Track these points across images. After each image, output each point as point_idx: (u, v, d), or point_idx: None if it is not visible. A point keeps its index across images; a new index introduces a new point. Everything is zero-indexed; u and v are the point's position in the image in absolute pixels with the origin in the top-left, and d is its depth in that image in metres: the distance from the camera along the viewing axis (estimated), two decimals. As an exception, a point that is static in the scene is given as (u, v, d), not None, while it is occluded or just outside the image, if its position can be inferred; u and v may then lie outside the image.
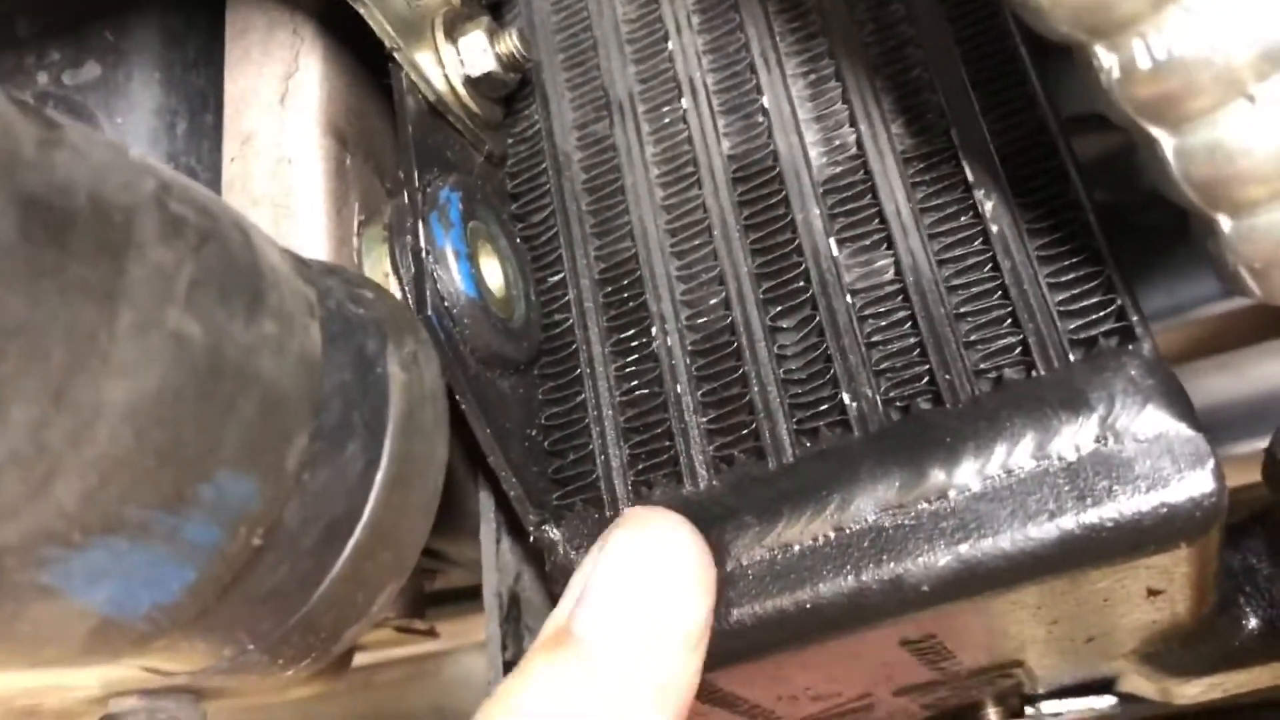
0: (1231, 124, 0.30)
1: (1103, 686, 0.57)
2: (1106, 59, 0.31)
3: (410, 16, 0.48)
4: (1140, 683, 0.57)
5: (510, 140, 0.55)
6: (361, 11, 0.45)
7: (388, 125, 0.54)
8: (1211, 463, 0.38)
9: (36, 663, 0.33)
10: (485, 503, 0.49)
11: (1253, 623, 0.52)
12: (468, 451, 0.48)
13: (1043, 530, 0.39)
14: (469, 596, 0.87)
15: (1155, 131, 0.32)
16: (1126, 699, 0.58)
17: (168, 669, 0.38)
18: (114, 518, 0.29)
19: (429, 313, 0.43)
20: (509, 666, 0.50)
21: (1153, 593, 0.44)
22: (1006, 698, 0.58)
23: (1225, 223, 0.32)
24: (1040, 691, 0.57)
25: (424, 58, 0.48)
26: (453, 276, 0.44)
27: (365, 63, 0.53)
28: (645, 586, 0.39)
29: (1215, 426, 0.65)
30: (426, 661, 0.98)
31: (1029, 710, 0.57)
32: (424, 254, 0.43)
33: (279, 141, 0.48)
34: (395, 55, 0.47)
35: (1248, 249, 0.32)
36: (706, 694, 0.46)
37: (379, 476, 0.37)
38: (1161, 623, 0.48)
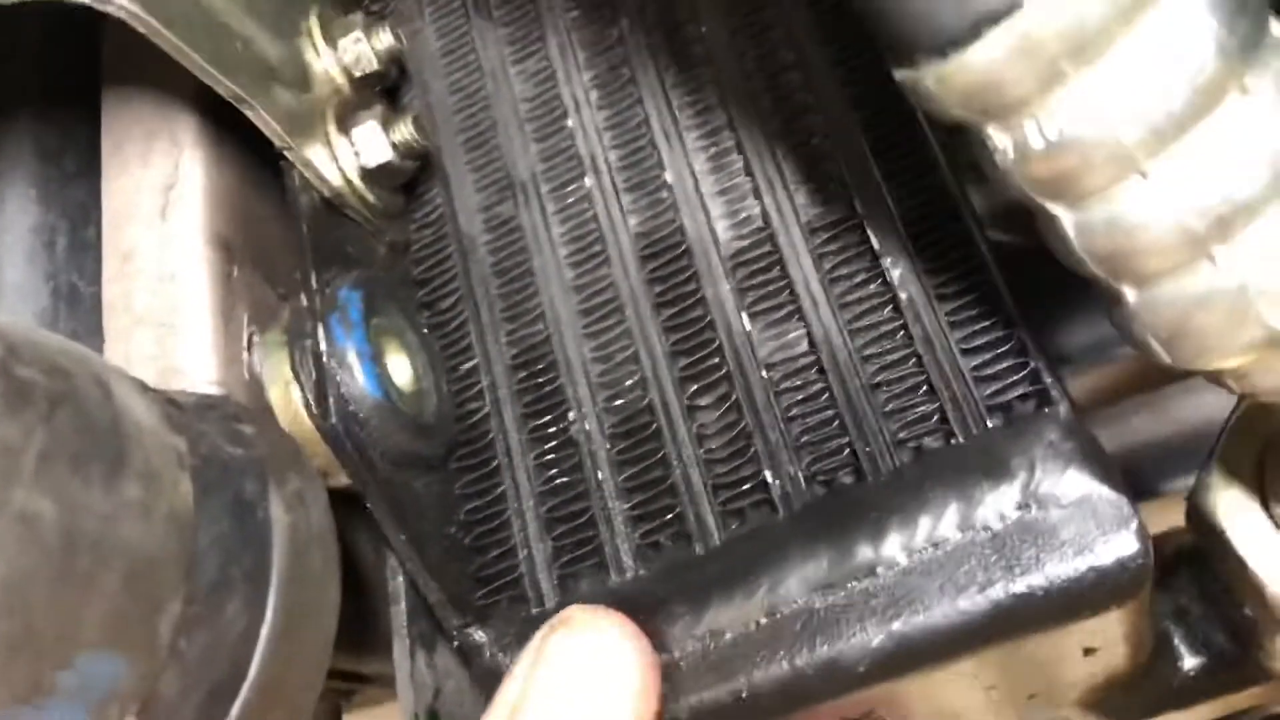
0: (1127, 199, 0.30)
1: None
2: (1000, 140, 0.31)
3: (300, 110, 0.47)
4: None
5: (413, 225, 0.54)
6: (248, 113, 0.44)
7: (279, 225, 0.52)
8: (1135, 524, 0.38)
9: None
10: (397, 618, 0.48)
11: (1189, 664, 0.52)
12: (377, 564, 0.47)
13: (974, 602, 0.39)
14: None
15: (1053, 208, 0.32)
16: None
17: None
18: None
19: (333, 420, 0.41)
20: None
21: (1088, 651, 0.43)
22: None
23: (1130, 293, 0.32)
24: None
25: (317, 152, 0.47)
26: (356, 379, 0.42)
27: (253, 158, 0.51)
28: (588, 697, 0.37)
29: (1144, 468, 0.66)
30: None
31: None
32: (325, 358, 0.42)
33: (160, 257, 0.46)
34: (286, 154, 0.45)
35: (1152, 318, 0.32)
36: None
37: (264, 632, 0.35)
38: (1100, 675, 0.48)
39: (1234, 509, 0.43)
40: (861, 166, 0.46)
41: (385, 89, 0.54)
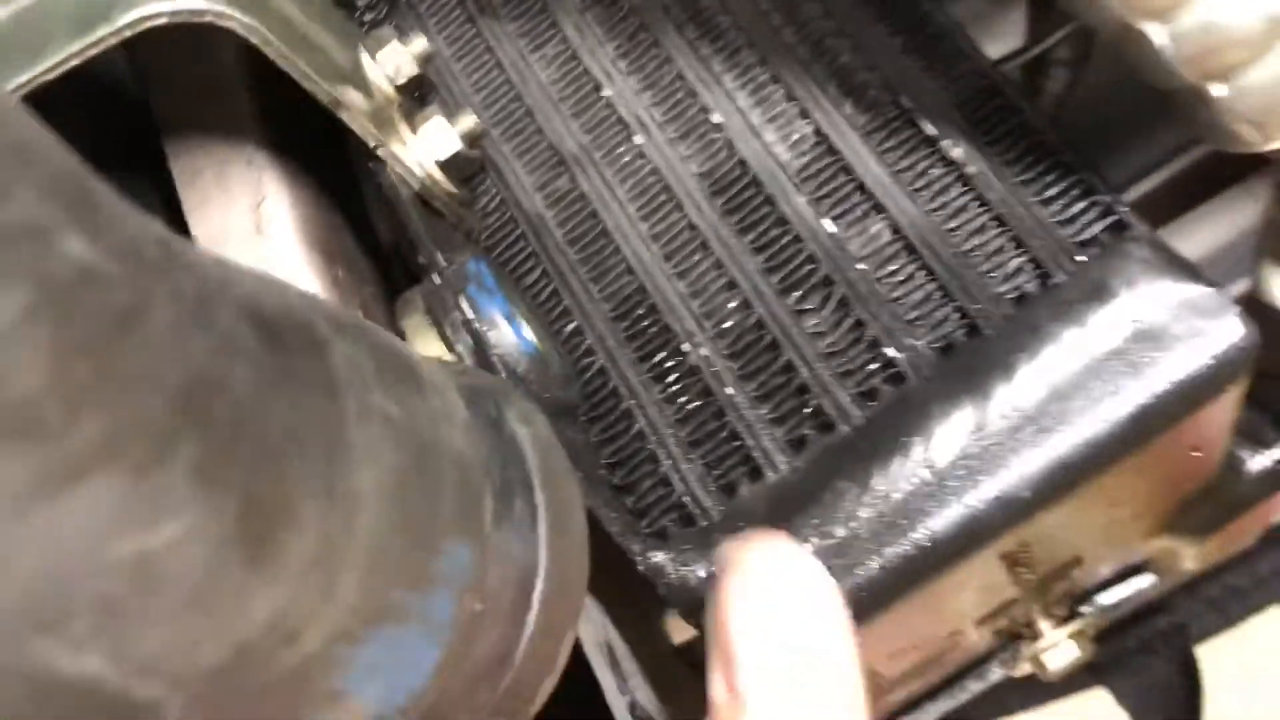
0: (1215, 3, 0.35)
1: (1138, 569, 0.62)
2: (1097, -28, 0.36)
3: (374, 111, 0.49)
4: (1159, 561, 0.62)
5: (478, 214, 0.56)
6: (343, 115, 0.46)
7: (352, 233, 0.55)
8: (1237, 309, 0.43)
9: None
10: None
11: (1253, 464, 0.57)
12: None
13: (1114, 409, 0.43)
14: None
15: (1146, 25, 0.37)
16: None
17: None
18: (383, 605, 0.29)
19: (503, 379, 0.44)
20: (634, 707, 0.51)
21: (1194, 450, 0.48)
22: (1055, 609, 0.62)
23: (1218, 88, 0.37)
24: (1088, 590, 0.62)
25: (398, 150, 0.49)
26: (509, 338, 0.45)
27: (316, 174, 0.53)
28: (797, 637, 0.36)
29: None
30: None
31: (1084, 609, 0.61)
32: (477, 324, 0.44)
33: (268, 271, 0.48)
34: (379, 151, 0.48)
35: (1243, 105, 0.37)
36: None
37: (542, 527, 0.37)
38: (1191, 482, 0.53)
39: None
40: (898, 67, 0.51)
41: (419, 97, 0.57)
